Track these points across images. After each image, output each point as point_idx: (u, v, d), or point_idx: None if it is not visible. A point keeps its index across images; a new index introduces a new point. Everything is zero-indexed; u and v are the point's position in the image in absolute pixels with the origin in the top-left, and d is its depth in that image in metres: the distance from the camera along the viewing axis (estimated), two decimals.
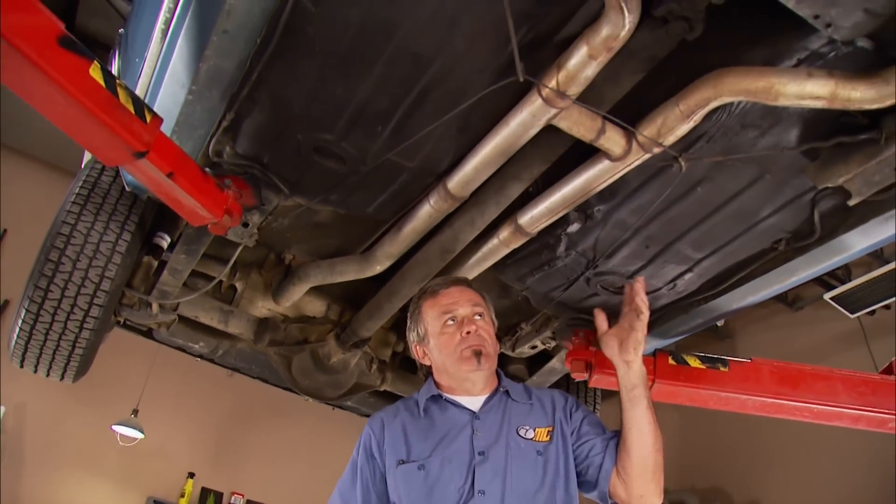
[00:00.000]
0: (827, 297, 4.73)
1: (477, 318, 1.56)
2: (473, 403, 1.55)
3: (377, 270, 2.13)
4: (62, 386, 2.83)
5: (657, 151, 1.45)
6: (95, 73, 1.21)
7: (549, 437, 1.50)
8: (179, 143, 1.55)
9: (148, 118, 1.34)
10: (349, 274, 2.22)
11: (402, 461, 1.47)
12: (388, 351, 2.95)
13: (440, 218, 1.85)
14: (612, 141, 1.44)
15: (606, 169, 1.53)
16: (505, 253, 1.95)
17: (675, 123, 1.37)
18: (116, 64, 2.77)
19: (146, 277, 2.45)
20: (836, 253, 1.70)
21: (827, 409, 1.92)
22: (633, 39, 1.23)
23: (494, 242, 1.92)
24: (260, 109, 1.60)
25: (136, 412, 5.57)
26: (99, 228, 2.17)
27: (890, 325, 4.66)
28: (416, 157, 1.70)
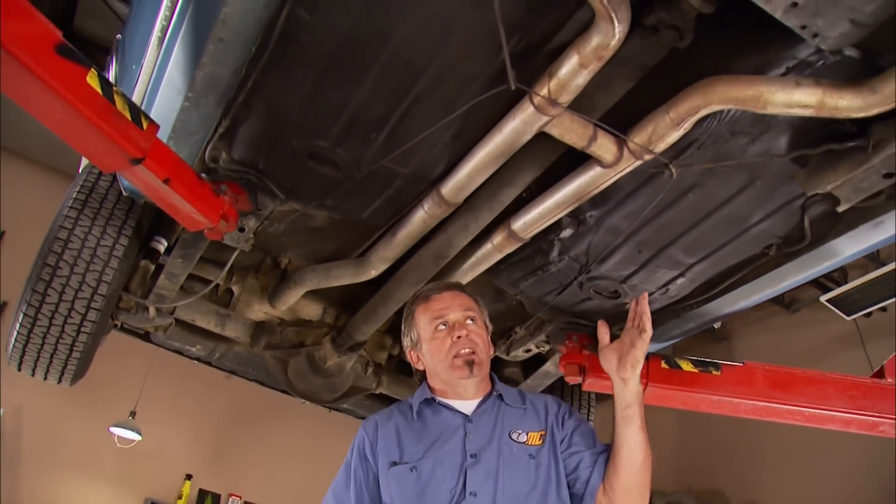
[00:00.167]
0: (823, 299, 4.76)
1: (469, 322, 1.57)
2: (466, 407, 1.56)
3: (372, 275, 2.14)
4: (60, 388, 2.84)
5: (648, 158, 1.45)
6: (92, 80, 1.23)
7: (541, 440, 1.51)
8: (176, 149, 1.57)
9: (144, 125, 1.35)
10: (345, 278, 2.23)
11: (394, 463, 1.48)
12: (383, 354, 2.95)
13: (434, 223, 1.86)
14: (603, 148, 1.45)
15: (598, 175, 1.54)
16: (498, 258, 1.97)
17: (665, 131, 1.38)
18: (113, 70, 2.78)
19: (143, 281, 2.47)
20: (826, 258, 1.71)
21: (819, 412, 1.94)
22: (623, 48, 1.24)
23: (488, 247, 1.93)
24: (255, 116, 1.61)
25: (133, 414, 5.59)
26: (96, 233, 2.19)
27: (886, 326, 4.67)
28: (410, 163, 1.71)
